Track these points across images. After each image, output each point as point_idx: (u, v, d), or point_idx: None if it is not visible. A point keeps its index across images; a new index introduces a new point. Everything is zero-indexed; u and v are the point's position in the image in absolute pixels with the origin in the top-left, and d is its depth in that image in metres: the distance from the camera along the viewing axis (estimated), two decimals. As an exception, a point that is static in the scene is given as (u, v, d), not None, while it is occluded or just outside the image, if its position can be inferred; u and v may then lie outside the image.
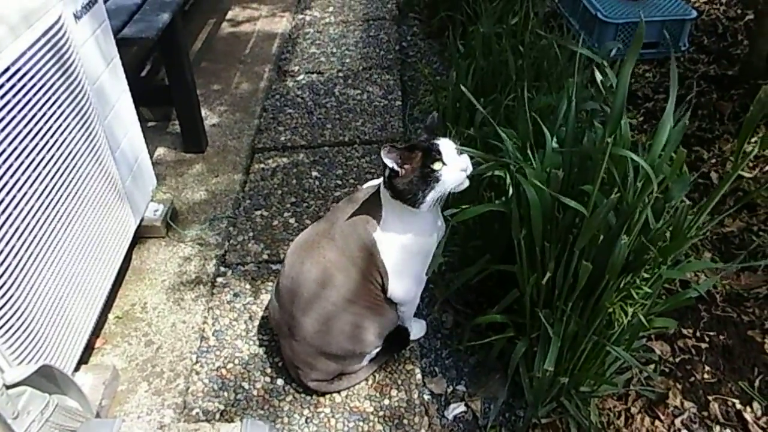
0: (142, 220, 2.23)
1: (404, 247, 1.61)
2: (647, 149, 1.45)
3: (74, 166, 1.70)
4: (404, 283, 1.66)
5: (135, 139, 2.18)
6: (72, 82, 1.67)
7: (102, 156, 1.85)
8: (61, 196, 1.63)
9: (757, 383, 1.76)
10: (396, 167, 1.48)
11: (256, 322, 1.97)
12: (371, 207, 1.62)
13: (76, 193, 1.70)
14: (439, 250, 1.68)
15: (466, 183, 1.52)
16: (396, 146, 1.49)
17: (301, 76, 3.25)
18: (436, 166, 1.48)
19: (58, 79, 1.61)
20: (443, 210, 1.64)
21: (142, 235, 2.28)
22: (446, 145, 1.51)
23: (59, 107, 1.62)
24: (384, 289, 1.65)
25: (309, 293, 1.62)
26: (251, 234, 2.30)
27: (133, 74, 2.73)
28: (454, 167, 1.49)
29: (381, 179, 1.63)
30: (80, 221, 1.72)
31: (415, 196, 1.50)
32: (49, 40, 1.55)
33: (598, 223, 1.35)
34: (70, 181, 1.68)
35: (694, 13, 3.10)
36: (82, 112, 1.73)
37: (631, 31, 3.04)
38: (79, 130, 1.72)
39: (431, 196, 1.50)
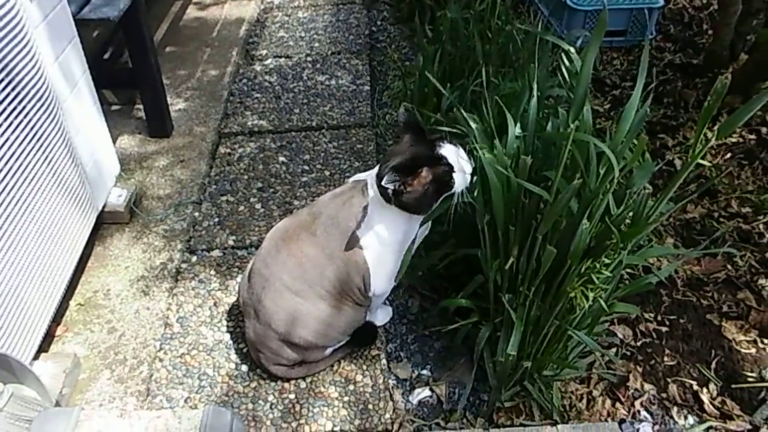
0: (104, 205, 2.19)
1: (388, 244, 1.61)
2: (611, 135, 1.46)
3: (32, 150, 1.66)
4: (384, 278, 1.67)
5: (96, 123, 2.13)
6: (27, 63, 1.62)
7: (62, 139, 1.80)
8: (18, 180, 1.59)
9: (713, 365, 1.80)
10: (399, 188, 1.49)
11: (221, 309, 1.95)
12: (357, 203, 1.60)
13: (33, 177, 1.66)
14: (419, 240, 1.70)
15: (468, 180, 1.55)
16: (398, 165, 1.47)
17: (269, 61, 3.21)
18: (448, 177, 1.51)
19: (12, 59, 1.56)
20: None
21: (105, 221, 2.24)
22: (450, 152, 1.52)
23: (14, 89, 1.58)
24: (359, 289, 1.65)
25: (280, 284, 1.61)
26: (217, 220, 2.27)
27: (95, 57, 2.67)
28: (462, 172, 1.52)
29: (367, 175, 1.63)
30: (38, 206, 1.68)
31: (428, 207, 1.55)
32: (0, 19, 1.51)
33: (560, 209, 1.36)
34: (28, 165, 1.64)
35: (662, 2, 3.13)
36: (39, 94, 1.68)
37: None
38: (36, 113, 1.67)
39: (438, 201, 1.55)
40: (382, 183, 1.47)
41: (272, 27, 3.53)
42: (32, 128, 1.66)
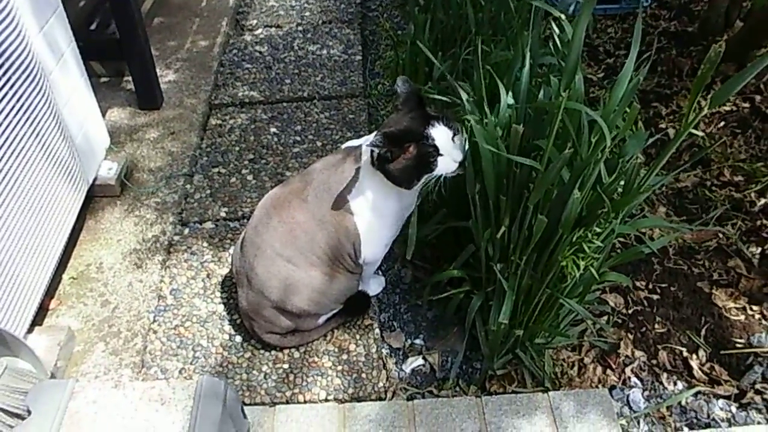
0: (95, 179, 2.18)
1: (378, 211, 1.61)
2: (604, 103, 1.45)
3: (18, 123, 1.64)
4: (375, 245, 1.67)
5: (85, 95, 2.11)
6: (10, 33, 1.59)
7: (49, 112, 1.78)
8: (4, 153, 1.58)
9: (703, 332, 1.83)
10: (385, 154, 1.49)
11: (214, 280, 1.96)
12: (349, 169, 1.60)
13: (21, 150, 1.65)
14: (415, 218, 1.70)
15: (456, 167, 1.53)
16: (388, 132, 1.48)
17: (260, 30, 3.17)
18: (432, 158, 1.49)
19: (-4, 30, 1.53)
20: None
21: (96, 194, 2.23)
22: (441, 135, 1.50)
23: (-2, 60, 1.55)
24: (350, 256, 1.65)
25: (272, 251, 1.62)
26: (208, 192, 2.26)
27: (81, 27, 2.62)
28: (449, 158, 1.50)
29: (361, 142, 1.62)
30: (27, 180, 1.67)
31: (408, 182, 1.53)
32: (-17, -11, 1.48)
33: (551, 178, 1.36)
34: (14, 138, 1.62)
35: (656, -32, 3.09)
36: (24, 65, 1.66)
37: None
38: (21, 85, 1.65)
39: (423, 180, 1.52)
40: (368, 143, 1.48)
41: (262, -4, 3.48)
42: (18, 100, 1.63)
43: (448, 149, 1.50)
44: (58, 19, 1.91)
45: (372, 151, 1.52)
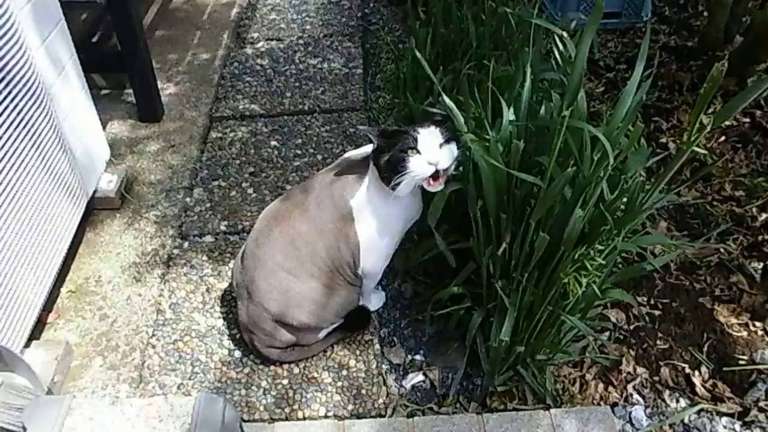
0: (95, 191, 2.17)
1: (380, 219, 1.61)
2: (607, 120, 1.44)
3: (18, 136, 1.63)
4: (375, 255, 1.67)
5: (85, 108, 2.10)
6: (12, 47, 1.59)
7: (49, 125, 1.78)
8: (5, 166, 1.57)
9: (705, 348, 1.81)
10: (376, 142, 1.51)
11: (214, 295, 1.94)
12: (352, 174, 1.61)
13: (20, 163, 1.64)
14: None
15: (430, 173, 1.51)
16: (385, 127, 1.50)
17: (261, 43, 3.17)
18: (409, 153, 1.48)
19: (-3, 43, 1.53)
20: None
21: (95, 207, 2.22)
22: (426, 135, 1.49)
23: (-1, 74, 1.55)
24: (349, 266, 1.64)
25: (273, 263, 1.61)
26: (209, 205, 2.26)
27: (83, 40, 2.63)
28: (425, 158, 1.47)
29: (361, 152, 1.64)
30: (26, 192, 1.66)
31: (388, 178, 1.51)
32: (-15, 3, 1.48)
33: (554, 196, 1.35)
34: (14, 151, 1.61)
35: (656, -17, 3.10)
36: (25, 78, 1.65)
37: (594, 1, 3.02)
38: (22, 98, 1.64)
39: (404, 181, 1.49)
40: (362, 128, 1.51)
41: (263, 9, 3.49)
42: (18, 113, 1.63)
43: (428, 149, 1.47)
44: (60, 32, 1.91)
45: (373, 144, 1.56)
